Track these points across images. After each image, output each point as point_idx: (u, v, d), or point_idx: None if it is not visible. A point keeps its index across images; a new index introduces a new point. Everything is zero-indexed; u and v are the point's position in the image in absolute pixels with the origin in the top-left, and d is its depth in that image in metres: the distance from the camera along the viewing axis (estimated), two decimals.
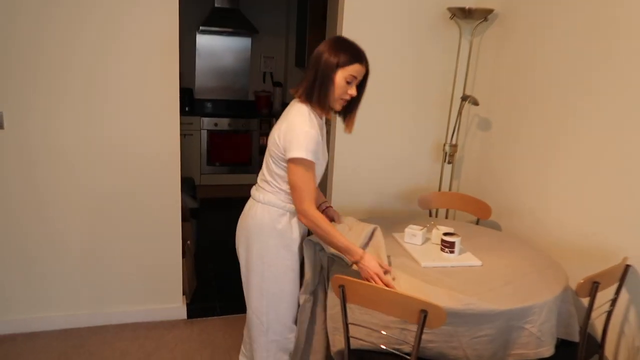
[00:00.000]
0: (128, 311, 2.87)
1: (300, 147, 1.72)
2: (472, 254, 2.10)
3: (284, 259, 1.90)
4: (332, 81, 1.77)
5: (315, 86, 1.78)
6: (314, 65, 1.79)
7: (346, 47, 1.78)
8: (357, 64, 1.78)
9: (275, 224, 1.87)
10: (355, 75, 1.79)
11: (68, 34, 2.44)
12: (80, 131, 2.57)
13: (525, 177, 2.62)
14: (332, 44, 1.79)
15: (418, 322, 1.55)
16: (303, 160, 1.73)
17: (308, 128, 1.74)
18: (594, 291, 1.79)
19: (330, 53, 1.76)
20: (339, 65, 1.75)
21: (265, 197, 1.88)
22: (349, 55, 1.77)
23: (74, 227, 2.68)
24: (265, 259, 1.88)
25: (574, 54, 2.29)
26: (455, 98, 3.02)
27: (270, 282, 1.91)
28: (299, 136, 1.73)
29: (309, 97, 1.81)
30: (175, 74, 2.64)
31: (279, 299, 1.94)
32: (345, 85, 1.79)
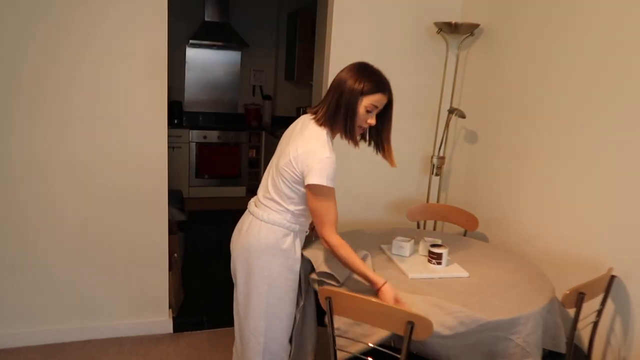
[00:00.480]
0: (113, 325, 2.83)
1: (322, 174, 1.68)
2: (460, 266, 2.11)
3: (287, 279, 1.87)
4: (357, 109, 1.74)
5: (339, 112, 1.74)
6: (337, 90, 1.75)
7: (370, 74, 1.75)
8: (379, 93, 1.75)
9: (280, 244, 1.83)
10: (376, 105, 1.76)
11: (52, 47, 2.43)
12: (65, 144, 2.55)
13: (511, 188, 2.65)
14: (357, 70, 1.75)
15: (405, 333, 1.55)
16: (324, 188, 1.70)
17: (329, 154, 1.70)
18: (580, 302, 1.80)
19: (355, 79, 1.73)
20: (363, 93, 1.73)
21: (271, 216, 1.83)
22: (373, 84, 1.74)
23: (57, 240, 2.65)
24: (268, 280, 1.84)
25: (556, 67, 2.33)
26: (443, 111, 3.05)
27: (272, 303, 1.87)
28: (321, 163, 1.68)
29: (331, 122, 1.77)
30: (164, 86, 2.64)
31: (279, 319, 1.91)
32: (366, 114, 1.76)
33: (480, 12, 2.88)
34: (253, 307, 1.89)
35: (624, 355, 2.01)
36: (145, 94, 2.62)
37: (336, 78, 1.78)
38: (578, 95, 2.21)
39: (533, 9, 2.49)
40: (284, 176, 1.78)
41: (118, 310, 2.83)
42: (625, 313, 2.00)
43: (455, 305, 1.71)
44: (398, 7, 2.92)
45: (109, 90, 2.56)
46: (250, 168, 5.98)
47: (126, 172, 2.67)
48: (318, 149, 1.71)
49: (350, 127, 1.76)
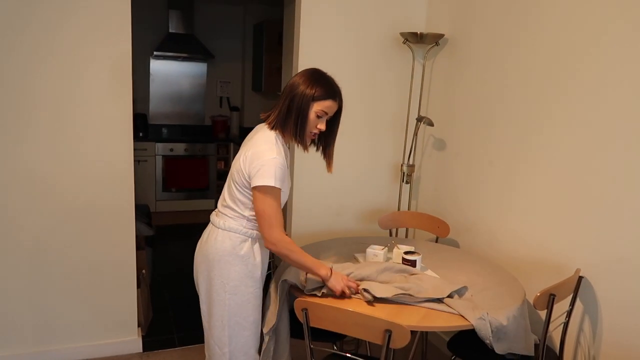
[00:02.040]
0: (79, 347, 2.71)
1: (267, 175, 1.69)
2: (433, 271, 2.12)
3: (247, 286, 1.85)
4: (308, 113, 1.76)
5: (291, 117, 1.77)
6: (289, 94, 1.78)
7: (322, 81, 1.79)
8: (330, 99, 1.78)
9: (237, 250, 1.82)
10: (326, 111, 1.79)
11: (10, 59, 2.35)
12: (24, 159, 2.45)
13: (479, 194, 2.69)
14: (309, 76, 1.79)
15: (383, 342, 1.54)
16: (270, 188, 1.70)
17: (275, 155, 1.72)
18: (551, 303, 1.84)
19: (307, 85, 1.76)
20: (314, 99, 1.76)
21: (226, 223, 1.83)
22: (324, 90, 1.77)
23: (14, 259, 2.53)
24: (228, 288, 1.82)
25: (513, 74, 2.40)
26: (411, 120, 3.09)
27: (233, 311, 1.84)
28: (266, 164, 1.70)
29: (283, 126, 1.79)
30: (129, 99, 2.58)
31: (242, 327, 1.87)
32: (316, 119, 1.79)
33: (444, 23, 2.95)
34: (215, 317, 1.86)
35: (593, 354, 2.06)
36: (109, 106, 2.55)
37: (289, 83, 1.81)
38: (535, 101, 2.28)
39: (493, 18, 2.56)
40: (237, 181, 1.80)
41: (84, 331, 2.72)
42: (593, 313, 2.05)
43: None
44: (364, 17, 2.95)
45: (71, 103, 2.48)
46: (218, 180, 5.90)
47: (91, 188, 2.59)
48: (264, 150, 1.73)
49: (301, 131, 1.78)
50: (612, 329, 1.98)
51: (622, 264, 1.93)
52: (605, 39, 1.96)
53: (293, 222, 3.02)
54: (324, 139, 1.91)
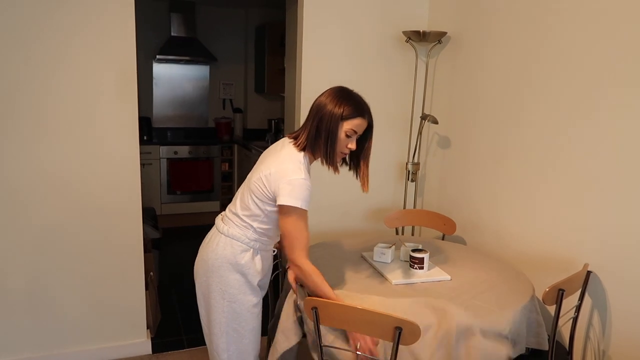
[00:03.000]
0: (89, 350, 2.73)
1: (296, 196, 1.66)
2: (441, 269, 2.13)
3: (246, 294, 1.82)
4: (337, 133, 1.72)
5: (320, 138, 1.72)
6: (316, 115, 1.74)
7: (350, 99, 1.74)
8: (359, 117, 1.74)
9: (237, 259, 1.79)
10: (355, 130, 1.74)
11: (17, 62, 2.37)
12: (36, 163, 2.47)
13: (486, 191, 2.70)
14: (336, 95, 1.74)
15: (393, 339, 1.54)
16: (298, 210, 1.67)
17: (304, 177, 1.69)
18: (560, 298, 1.84)
19: (335, 104, 1.71)
20: (343, 118, 1.71)
21: (231, 230, 1.81)
22: (353, 108, 1.72)
23: (23, 264, 2.55)
24: (226, 295, 1.80)
25: (519, 72, 2.40)
26: (415, 118, 3.09)
27: (231, 318, 1.82)
28: (296, 185, 1.67)
29: (312, 147, 1.75)
30: (134, 102, 2.59)
31: (241, 335, 1.85)
32: (346, 138, 1.74)
33: (446, 20, 2.95)
34: (214, 323, 1.84)
35: (603, 349, 2.06)
36: (116, 111, 2.56)
37: (315, 103, 1.77)
38: (540, 97, 2.28)
39: (497, 15, 2.56)
40: (253, 192, 1.76)
41: (94, 334, 2.73)
42: (602, 307, 2.05)
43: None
44: (367, 17, 2.96)
45: (78, 108, 2.49)
46: (223, 182, 5.92)
47: (99, 192, 2.60)
48: (292, 170, 1.69)
49: (331, 152, 1.74)
50: (622, 324, 1.98)
51: (630, 258, 1.93)
52: (613, 34, 1.97)
53: None
54: (355, 158, 1.87)
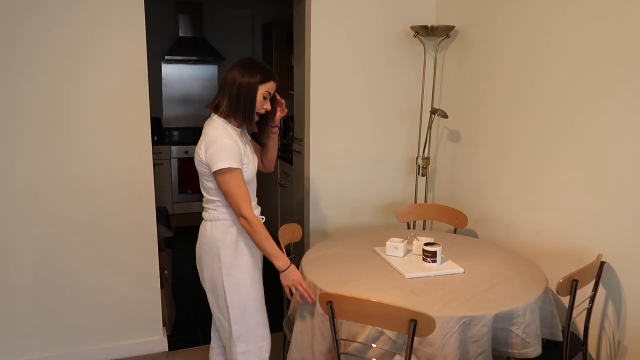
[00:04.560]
0: (107, 348, 2.77)
1: (222, 159, 1.83)
2: (454, 262, 2.14)
3: (241, 266, 1.97)
4: (256, 97, 1.91)
5: (239, 105, 1.91)
6: (233, 85, 1.90)
7: (260, 67, 1.93)
8: (272, 81, 1.94)
9: (226, 236, 1.95)
10: (270, 92, 1.95)
11: (31, 64, 2.40)
12: (48, 162, 2.51)
13: (497, 183, 2.70)
14: (247, 65, 1.92)
15: (408, 332, 1.56)
16: (228, 170, 1.84)
17: (225, 140, 1.85)
18: (574, 289, 1.84)
19: (248, 74, 1.89)
20: (261, 82, 1.90)
21: (212, 214, 1.97)
22: (265, 74, 1.92)
23: (46, 263, 2.59)
24: (224, 270, 1.95)
25: (528, 64, 2.40)
26: (425, 112, 3.10)
27: (232, 291, 1.97)
28: (219, 149, 1.84)
29: (234, 115, 1.93)
30: (146, 103, 2.63)
31: (245, 306, 1.99)
32: (263, 101, 1.94)
33: (454, 15, 2.95)
34: (221, 300, 1.99)
35: (618, 339, 2.05)
36: (128, 112, 2.60)
37: (229, 76, 1.93)
38: (551, 89, 2.28)
39: (506, 8, 2.56)
40: (202, 174, 1.94)
41: (111, 332, 2.78)
42: (616, 298, 2.05)
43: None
44: (374, 13, 2.97)
45: (91, 110, 2.53)
46: None
47: (114, 193, 2.64)
48: (215, 137, 1.87)
49: (251, 115, 1.93)
50: (637, 314, 1.98)
51: None
52: (622, 22, 1.96)
53: (311, 219, 3.05)
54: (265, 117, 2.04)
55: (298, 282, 1.92)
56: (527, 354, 1.79)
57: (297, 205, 3.49)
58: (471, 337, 1.71)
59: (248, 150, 1.97)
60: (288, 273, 1.92)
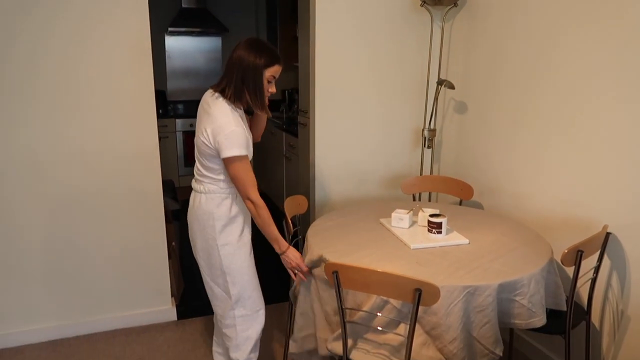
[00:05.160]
0: (117, 317, 2.83)
1: (233, 146, 1.86)
2: (459, 233, 2.15)
3: (233, 236, 2.04)
4: (263, 82, 1.90)
5: (245, 88, 1.90)
6: (239, 67, 1.88)
7: (265, 48, 1.90)
8: (276, 64, 1.91)
9: (220, 208, 2.00)
10: (275, 76, 1.93)
11: (37, 39, 2.39)
12: (55, 134, 2.52)
13: (503, 154, 2.68)
14: (252, 47, 1.89)
15: (413, 301, 1.58)
16: (238, 157, 1.88)
17: (234, 127, 1.86)
18: (579, 259, 1.85)
19: (255, 55, 1.87)
20: (265, 66, 1.88)
21: (206, 187, 2.01)
22: (271, 57, 1.90)
23: (56, 235, 2.63)
24: (219, 241, 2.02)
25: (540, 34, 2.35)
26: (431, 83, 3.06)
27: (227, 260, 2.04)
28: (229, 136, 1.86)
29: (240, 97, 1.92)
30: (150, 76, 2.61)
31: (240, 273, 2.06)
32: (267, 84, 1.93)
33: None
34: (215, 267, 2.07)
35: (621, 308, 2.07)
36: (132, 85, 2.59)
37: (234, 56, 1.90)
38: (559, 57, 2.24)
39: None
40: (204, 154, 1.95)
41: (121, 302, 2.83)
42: (621, 268, 2.06)
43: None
44: None
45: (96, 83, 2.52)
46: None
47: (120, 165, 2.65)
48: (225, 123, 1.87)
49: (261, 99, 1.94)
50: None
51: None
52: None
53: (316, 191, 3.06)
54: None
55: (296, 264, 1.99)
56: (532, 324, 1.81)
57: (302, 177, 3.49)
58: (476, 306, 1.73)
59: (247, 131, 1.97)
60: (286, 257, 2.00)
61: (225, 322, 2.13)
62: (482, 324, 1.75)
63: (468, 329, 1.73)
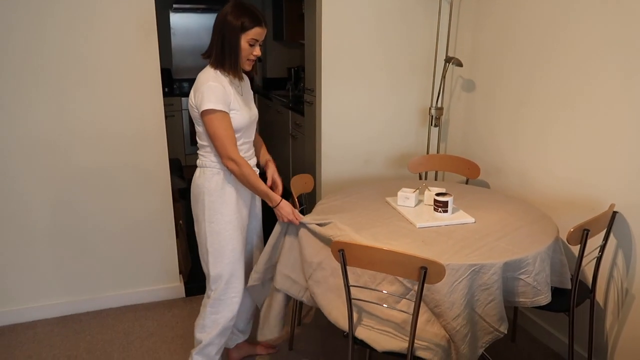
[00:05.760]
0: (127, 294, 2.88)
1: (208, 100, 1.83)
2: (465, 212, 2.15)
3: (223, 215, 2.00)
4: (239, 45, 1.87)
5: (224, 52, 1.88)
6: (219, 31, 1.87)
7: (246, 10, 1.86)
8: (257, 27, 1.87)
9: (210, 183, 1.98)
10: (256, 39, 1.89)
11: (39, 18, 2.37)
12: (58, 118, 2.52)
13: (510, 133, 2.67)
14: (233, 9, 1.86)
15: (418, 279, 1.59)
16: (213, 111, 1.84)
17: (212, 82, 1.85)
18: (585, 238, 1.85)
19: (233, 17, 1.84)
20: (243, 29, 1.85)
21: (201, 161, 2.02)
22: (251, 19, 1.85)
23: (65, 214, 2.66)
24: (206, 217, 1.99)
25: (549, 13, 2.31)
26: (439, 61, 3.03)
27: (212, 238, 2.01)
28: (205, 91, 1.84)
29: (221, 63, 1.90)
30: (155, 54, 2.60)
31: (221, 255, 2.03)
32: (249, 47, 1.90)
33: None
34: (202, 243, 2.05)
35: (626, 287, 2.08)
36: (138, 63, 2.58)
37: (217, 20, 1.88)
38: (568, 36, 2.20)
39: None
40: (195, 119, 1.96)
41: (131, 279, 2.88)
42: (627, 247, 2.06)
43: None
44: None
45: (100, 63, 2.52)
46: None
47: (126, 145, 2.66)
48: (202, 81, 1.87)
49: (235, 62, 1.90)
50: None
51: None
52: None
53: (323, 170, 3.06)
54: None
55: (290, 214, 1.99)
56: (537, 302, 1.83)
57: (308, 156, 3.49)
58: (481, 284, 1.74)
59: (239, 98, 1.96)
60: (279, 209, 2.00)
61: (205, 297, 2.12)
62: (487, 302, 1.76)
63: (472, 306, 1.75)
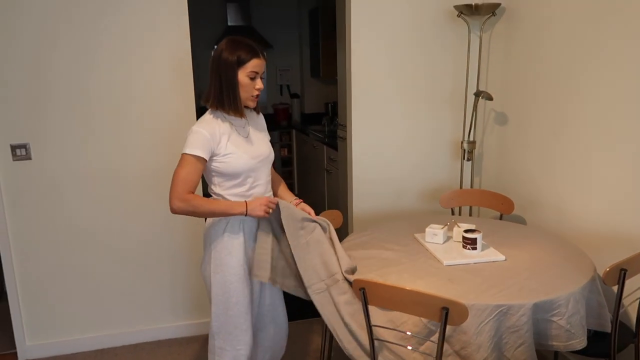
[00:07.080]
0: (163, 327, 2.94)
1: (187, 144, 1.79)
2: (495, 249, 2.08)
3: (227, 266, 1.89)
4: (237, 81, 1.80)
5: (223, 91, 1.81)
6: (215, 70, 1.81)
7: (240, 44, 1.80)
8: (255, 59, 1.80)
9: (216, 229, 1.90)
10: (256, 71, 1.81)
11: (83, 62, 2.55)
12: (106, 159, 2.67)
13: (545, 168, 2.59)
14: (227, 45, 1.80)
15: (440, 320, 1.55)
16: (185, 156, 1.79)
17: (195, 127, 1.80)
18: (622, 278, 1.75)
19: (228, 52, 1.78)
20: (240, 63, 1.78)
21: None
22: (246, 52, 1.79)
23: (106, 250, 2.77)
24: (212, 266, 1.91)
25: (581, 42, 2.26)
26: (469, 94, 3.00)
27: (217, 288, 1.91)
28: (188, 136, 1.80)
29: (220, 103, 1.83)
30: (191, 94, 2.72)
31: (226, 307, 1.92)
32: (251, 81, 1.82)
33: None
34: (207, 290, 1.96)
35: None
36: (174, 103, 2.70)
37: (212, 60, 1.83)
38: (601, 67, 2.14)
39: None
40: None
41: (164, 314, 2.94)
42: None
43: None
44: None
45: (137, 103, 2.66)
46: (283, 167, 6.04)
47: (162, 182, 2.76)
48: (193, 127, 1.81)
49: (234, 100, 1.81)
50: None
51: None
52: None
53: (354, 203, 3.05)
54: None
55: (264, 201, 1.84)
56: (571, 346, 1.73)
57: (342, 191, 3.50)
58: (509, 327, 1.67)
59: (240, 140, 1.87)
60: (251, 209, 1.82)
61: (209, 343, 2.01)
62: (517, 345, 1.68)
63: (501, 349, 1.68)
